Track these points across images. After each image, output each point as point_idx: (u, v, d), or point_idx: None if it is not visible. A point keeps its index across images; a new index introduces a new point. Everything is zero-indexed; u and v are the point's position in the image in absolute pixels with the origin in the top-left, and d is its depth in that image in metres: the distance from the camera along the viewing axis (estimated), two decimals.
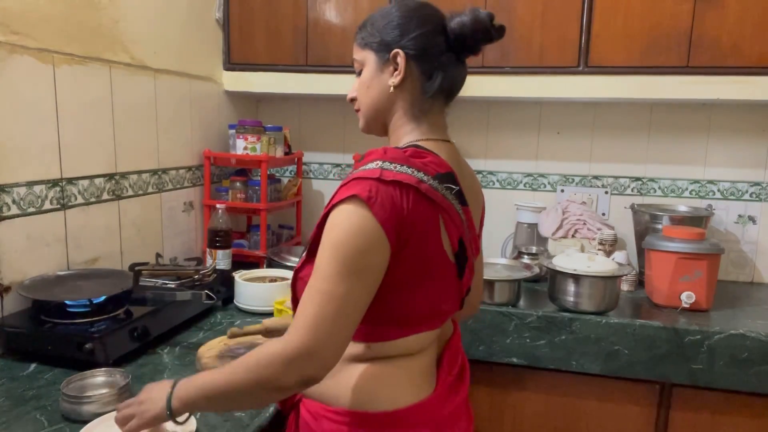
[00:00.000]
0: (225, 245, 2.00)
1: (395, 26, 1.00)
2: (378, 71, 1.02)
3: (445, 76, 1.01)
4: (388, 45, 1.00)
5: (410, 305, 0.96)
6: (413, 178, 0.90)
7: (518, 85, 2.06)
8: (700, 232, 1.85)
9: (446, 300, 1.02)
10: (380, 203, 0.87)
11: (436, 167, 0.95)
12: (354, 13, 2.14)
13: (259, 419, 1.12)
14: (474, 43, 1.01)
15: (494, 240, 2.42)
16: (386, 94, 1.02)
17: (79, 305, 1.39)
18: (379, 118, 1.06)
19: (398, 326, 0.97)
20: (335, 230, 0.88)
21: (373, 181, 0.88)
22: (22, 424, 1.06)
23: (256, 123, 2.19)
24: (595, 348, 1.74)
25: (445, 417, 1.02)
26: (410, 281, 0.93)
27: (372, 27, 1.03)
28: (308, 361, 0.84)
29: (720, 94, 1.90)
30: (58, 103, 1.51)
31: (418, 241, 0.91)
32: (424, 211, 0.91)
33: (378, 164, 0.91)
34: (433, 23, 1.00)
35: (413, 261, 0.92)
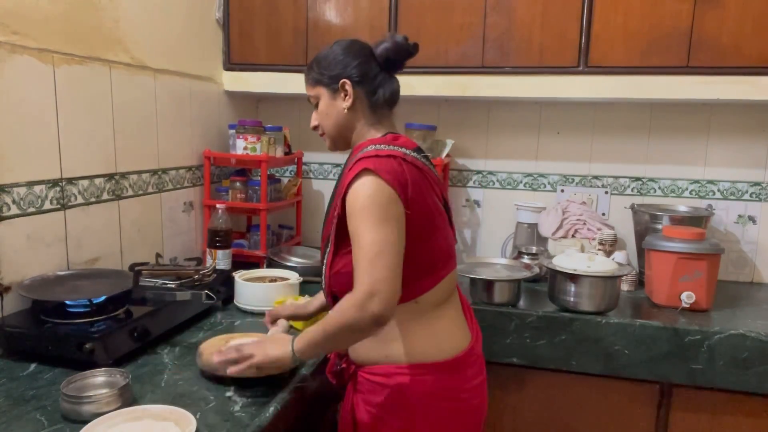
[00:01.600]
0: (225, 245, 2.00)
1: (337, 62, 1.25)
2: (332, 100, 1.28)
3: (385, 91, 1.26)
4: (336, 78, 1.25)
5: (431, 251, 1.21)
6: (399, 152, 1.17)
7: (518, 85, 2.06)
8: (700, 232, 1.85)
9: (452, 242, 1.29)
10: (385, 170, 1.11)
11: (410, 144, 1.24)
12: (354, 13, 2.15)
13: (259, 419, 1.12)
14: (399, 60, 1.27)
15: (494, 240, 2.42)
16: (343, 115, 1.27)
17: (79, 305, 1.39)
18: (342, 136, 1.30)
19: (430, 273, 1.21)
20: (358, 199, 1.11)
21: (373, 158, 1.14)
22: (22, 424, 1.06)
23: (256, 123, 2.19)
24: (595, 348, 1.74)
25: (480, 356, 1.32)
26: (425, 230, 1.18)
27: (318, 66, 1.28)
28: (374, 299, 1.06)
29: (720, 94, 1.90)
30: (58, 103, 1.51)
31: (419, 197, 1.16)
32: (415, 175, 1.17)
33: (372, 147, 1.18)
34: (364, 53, 1.26)
35: (421, 213, 1.17)
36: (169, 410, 1.09)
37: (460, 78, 2.10)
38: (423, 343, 1.21)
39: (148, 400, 1.16)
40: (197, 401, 1.17)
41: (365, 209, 1.10)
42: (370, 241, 1.08)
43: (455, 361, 1.22)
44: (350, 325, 1.09)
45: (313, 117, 1.33)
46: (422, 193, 1.17)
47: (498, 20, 2.02)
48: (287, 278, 1.82)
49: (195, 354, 1.32)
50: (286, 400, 1.21)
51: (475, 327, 1.34)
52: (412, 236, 1.15)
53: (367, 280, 1.07)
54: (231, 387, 1.23)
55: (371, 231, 1.08)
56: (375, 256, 1.07)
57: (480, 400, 1.29)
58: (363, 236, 1.09)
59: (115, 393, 1.10)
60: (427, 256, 1.20)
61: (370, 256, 1.08)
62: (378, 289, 1.06)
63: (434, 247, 1.22)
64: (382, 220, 1.09)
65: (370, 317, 1.07)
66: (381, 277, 1.07)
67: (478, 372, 1.29)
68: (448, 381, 1.22)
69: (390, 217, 1.10)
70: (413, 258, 1.16)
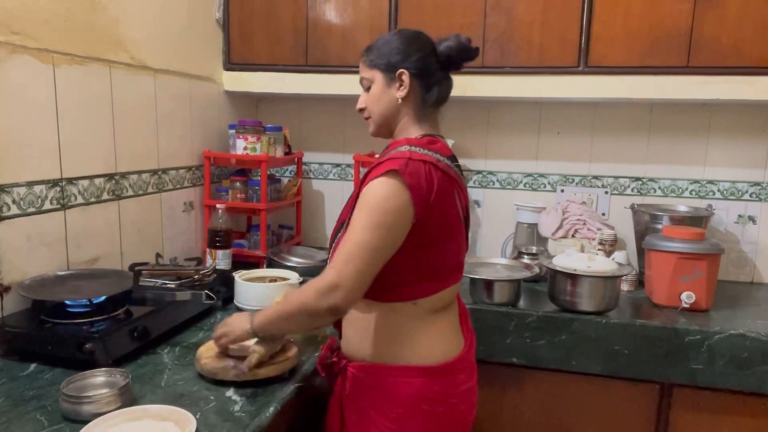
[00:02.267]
0: (225, 245, 2.00)
1: (398, 51, 1.24)
2: (386, 87, 1.25)
3: (440, 89, 1.27)
4: (394, 66, 1.23)
5: (441, 260, 1.22)
6: (433, 158, 1.17)
7: (518, 85, 2.06)
8: (700, 232, 1.85)
9: (463, 256, 1.30)
10: (410, 173, 1.12)
11: (446, 150, 1.23)
12: (354, 13, 2.15)
13: (259, 419, 1.12)
14: (458, 62, 1.27)
15: (494, 240, 2.42)
16: (394, 104, 1.25)
17: (79, 305, 1.39)
18: (388, 124, 1.29)
19: (435, 280, 1.22)
20: (370, 196, 1.13)
21: (405, 159, 1.14)
22: (22, 424, 1.06)
23: (256, 123, 2.19)
24: (595, 348, 1.74)
25: (472, 362, 1.32)
26: (440, 238, 1.19)
27: (378, 51, 1.26)
28: (336, 291, 1.10)
29: (720, 94, 1.90)
30: (58, 103, 1.51)
31: (442, 205, 1.16)
32: (444, 183, 1.17)
33: (407, 148, 1.17)
34: (428, 48, 1.25)
35: (440, 221, 1.17)
36: (169, 410, 1.09)
37: (460, 78, 2.06)
38: (416, 346, 1.22)
39: (148, 400, 1.16)
40: (197, 401, 1.17)
41: (370, 208, 1.12)
42: (357, 239, 1.11)
43: (446, 367, 1.22)
44: (307, 308, 1.14)
45: (360, 99, 1.30)
46: (446, 201, 1.18)
47: (498, 20, 2.02)
48: (287, 278, 1.82)
49: (194, 355, 1.32)
50: (286, 400, 1.21)
51: (470, 334, 1.34)
52: (425, 241, 1.16)
53: (336, 272, 1.11)
54: (231, 387, 1.23)
55: (364, 231, 1.11)
56: (355, 253, 1.10)
57: (467, 406, 1.29)
58: (354, 230, 1.12)
59: (115, 393, 1.10)
60: (434, 263, 1.21)
61: (351, 252, 1.11)
62: (343, 284, 1.10)
63: (444, 256, 1.22)
64: (378, 226, 1.11)
65: (327, 306, 1.11)
66: (350, 275, 1.10)
67: (468, 378, 1.29)
68: (438, 385, 1.22)
69: (388, 225, 1.11)
70: (420, 261, 1.18)
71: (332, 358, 1.31)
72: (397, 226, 1.12)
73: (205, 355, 1.29)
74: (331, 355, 1.31)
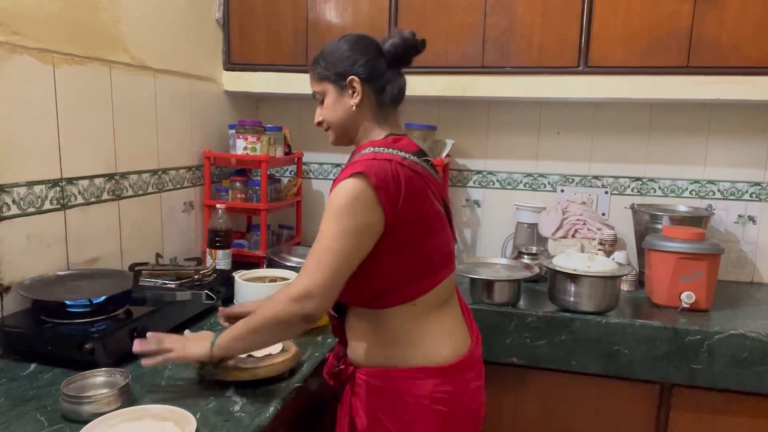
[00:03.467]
0: (225, 245, 2.00)
1: (345, 58, 1.23)
2: (339, 96, 1.26)
3: (393, 88, 1.25)
4: (343, 74, 1.23)
5: (431, 254, 1.21)
6: (397, 156, 1.16)
7: (518, 85, 2.06)
8: (700, 232, 1.85)
9: (451, 245, 1.29)
10: (375, 173, 1.11)
11: (411, 147, 1.23)
12: (354, 13, 2.15)
13: (259, 419, 1.12)
14: (406, 57, 1.25)
15: (494, 240, 2.42)
16: (350, 112, 1.25)
17: (79, 305, 1.38)
18: (347, 132, 1.29)
19: (428, 276, 1.21)
20: (336, 199, 1.12)
21: (369, 161, 1.13)
22: (22, 424, 1.06)
23: (256, 123, 2.19)
24: (595, 348, 1.74)
25: (479, 359, 1.31)
26: (422, 234, 1.18)
27: (325, 62, 1.26)
28: (308, 300, 1.10)
29: (720, 94, 1.90)
30: (58, 103, 1.51)
31: (414, 201, 1.15)
32: (412, 179, 1.16)
33: (370, 149, 1.18)
34: (373, 50, 1.24)
35: (418, 217, 1.16)
36: (169, 410, 1.09)
37: (460, 78, 2.10)
38: (423, 346, 1.21)
39: (148, 400, 1.16)
40: (197, 401, 1.17)
41: (337, 212, 1.11)
42: (327, 245, 1.10)
43: (455, 366, 1.22)
44: (280, 317, 1.13)
45: (317, 113, 1.32)
46: (418, 196, 1.17)
47: (498, 20, 2.02)
48: (287, 278, 1.82)
49: None
50: (286, 400, 1.21)
51: (475, 330, 1.34)
52: (405, 240, 1.15)
53: (308, 280, 1.10)
54: (231, 387, 1.23)
55: (333, 235, 1.10)
56: (325, 260, 1.10)
57: (477, 404, 1.29)
58: (324, 236, 1.11)
59: (115, 393, 1.10)
60: (423, 259, 1.20)
61: (321, 259, 1.10)
62: (315, 292, 1.10)
63: (431, 249, 1.21)
64: (347, 229, 1.10)
65: (302, 314, 1.11)
66: (321, 281, 1.10)
67: (477, 376, 1.28)
68: (448, 385, 1.21)
69: (357, 227, 1.10)
70: (410, 261, 1.18)
71: (339, 366, 1.30)
72: (366, 229, 1.11)
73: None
74: (338, 363, 1.30)
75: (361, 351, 1.25)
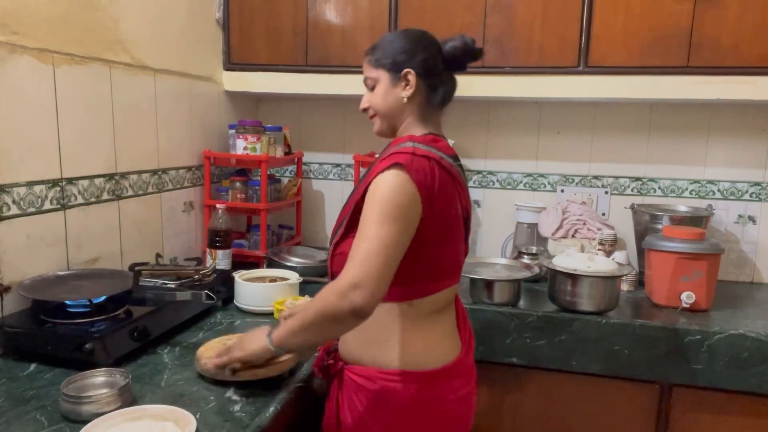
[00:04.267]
0: (225, 245, 2.00)
1: (404, 51, 1.23)
2: (391, 86, 1.24)
3: (445, 89, 1.26)
4: (399, 65, 1.22)
5: (439, 260, 1.20)
6: (436, 155, 1.16)
7: (518, 85, 2.06)
8: (700, 232, 1.85)
9: (461, 257, 1.28)
10: (416, 169, 1.11)
11: (448, 150, 1.23)
12: (354, 13, 2.15)
13: (259, 419, 1.12)
14: (463, 62, 1.26)
15: (494, 240, 2.42)
16: (399, 104, 1.24)
17: (79, 305, 1.39)
18: (392, 123, 1.28)
19: (432, 280, 1.20)
20: (380, 190, 1.10)
21: (409, 154, 1.12)
22: (22, 424, 1.06)
23: (256, 123, 2.19)
24: (595, 348, 1.74)
25: (469, 366, 1.29)
26: (438, 238, 1.17)
27: (383, 50, 1.25)
28: (357, 290, 1.04)
29: (720, 94, 1.90)
30: (58, 103, 1.51)
31: (442, 204, 1.15)
32: (446, 181, 1.16)
33: (410, 144, 1.16)
34: (433, 48, 1.24)
35: (440, 220, 1.16)
36: (169, 410, 1.09)
37: (460, 78, 2.08)
38: (412, 350, 1.19)
39: (148, 400, 1.16)
40: (197, 401, 1.17)
41: (381, 202, 1.09)
42: (373, 235, 1.07)
43: (442, 371, 1.20)
44: (329, 312, 1.07)
45: (364, 98, 1.29)
46: (448, 201, 1.17)
47: (498, 20, 2.02)
48: (287, 278, 1.82)
49: (195, 354, 1.32)
50: (286, 400, 1.21)
51: (467, 337, 1.31)
52: (423, 240, 1.14)
53: (356, 271, 1.05)
54: (231, 387, 1.23)
55: (378, 226, 1.07)
56: (372, 251, 1.06)
57: (465, 411, 1.27)
58: (369, 227, 1.08)
59: (115, 393, 1.10)
60: (432, 263, 1.19)
61: (368, 250, 1.06)
62: (364, 282, 1.04)
63: (442, 256, 1.21)
64: (392, 218, 1.08)
65: (350, 307, 1.04)
66: (370, 272, 1.05)
67: (465, 383, 1.26)
68: (434, 390, 1.20)
69: (402, 217, 1.09)
70: (418, 261, 1.16)
71: (329, 360, 1.29)
72: (409, 218, 1.10)
73: (205, 355, 1.29)
74: (327, 357, 1.30)
75: (351, 347, 1.24)
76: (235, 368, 1.22)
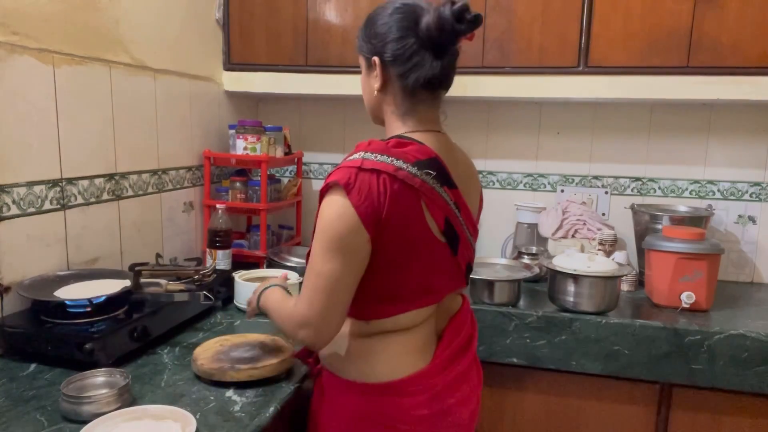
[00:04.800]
0: (225, 245, 2.00)
1: (376, 34, 1.07)
2: (366, 75, 1.12)
3: (420, 75, 1.05)
4: (371, 52, 1.08)
5: (400, 283, 1.08)
6: (391, 166, 1.00)
7: (518, 85, 2.05)
8: (700, 232, 1.85)
9: (438, 277, 1.12)
10: (357, 189, 0.98)
11: (417, 155, 1.04)
12: (354, 13, 2.14)
13: (259, 419, 1.12)
14: (446, 39, 1.02)
15: (494, 240, 2.42)
16: (374, 96, 1.11)
17: (79, 305, 1.38)
18: (375, 114, 1.17)
19: (392, 303, 1.09)
20: (321, 219, 1.03)
21: (354, 169, 1.00)
22: (22, 424, 1.06)
23: (256, 123, 2.19)
24: (595, 348, 1.74)
25: (443, 386, 1.13)
26: (397, 260, 1.05)
27: (362, 33, 1.11)
28: (304, 329, 1.05)
29: (720, 94, 1.90)
30: (58, 103, 1.51)
31: (399, 223, 1.01)
32: (404, 195, 1.01)
33: (360, 155, 1.02)
34: (405, 28, 1.03)
35: (397, 242, 1.03)
36: (169, 410, 1.09)
37: (460, 78, 2.06)
38: (361, 362, 1.13)
39: (148, 400, 1.16)
40: (197, 401, 1.17)
41: (322, 235, 1.02)
42: (318, 270, 1.02)
43: (388, 386, 1.10)
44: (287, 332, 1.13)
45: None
46: (406, 218, 1.02)
47: (498, 20, 2.02)
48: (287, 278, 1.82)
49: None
50: (286, 400, 1.21)
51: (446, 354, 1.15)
52: (378, 264, 1.04)
53: (306, 307, 1.05)
54: (231, 387, 1.23)
55: (322, 260, 1.02)
56: (318, 287, 1.02)
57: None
58: (314, 260, 1.04)
59: (115, 393, 1.10)
60: (391, 287, 1.08)
61: (314, 287, 1.03)
62: (311, 321, 1.04)
63: (404, 279, 1.08)
64: (335, 251, 1.00)
65: (301, 340, 1.09)
66: (315, 311, 1.03)
67: (427, 403, 1.10)
68: (382, 406, 1.10)
69: (345, 249, 1.00)
70: (374, 284, 1.06)
71: (308, 359, 1.34)
72: (354, 247, 1.01)
73: (202, 356, 1.29)
74: (308, 355, 1.35)
75: (323, 352, 1.22)
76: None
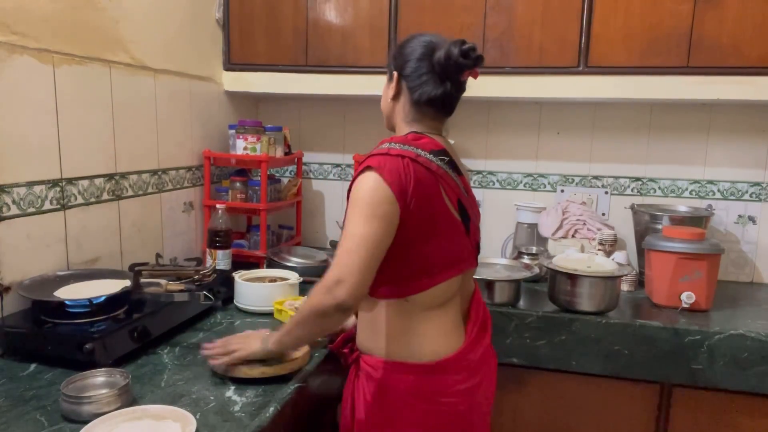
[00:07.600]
0: (225, 245, 2.00)
1: (402, 54, 1.29)
2: (386, 86, 1.35)
3: (424, 91, 1.26)
4: (394, 67, 1.30)
5: (431, 255, 1.22)
6: (412, 153, 1.19)
7: (518, 85, 2.06)
8: (700, 232, 1.85)
9: (461, 250, 1.28)
10: (388, 170, 1.15)
11: (431, 146, 1.24)
12: (354, 12, 2.14)
13: (259, 419, 1.12)
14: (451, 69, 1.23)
15: (494, 240, 2.42)
16: (388, 103, 1.34)
17: (79, 305, 1.38)
18: (389, 119, 1.36)
19: (427, 275, 1.22)
20: (357, 192, 1.17)
21: (381, 155, 1.18)
22: (22, 424, 1.06)
23: (256, 123, 2.19)
24: (595, 348, 1.74)
25: (475, 362, 1.29)
26: (425, 234, 1.20)
27: (393, 51, 1.34)
28: (339, 285, 1.11)
29: (720, 94, 1.90)
30: (58, 103, 1.51)
31: (423, 200, 1.17)
32: (425, 177, 1.19)
33: (387, 145, 1.21)
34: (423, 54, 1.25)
35: (423, 216, 1.18)
36: (169, 410, 1.09)
37: None
38: (405, 343, 1.24)
39: (148, 400, 1.16)
40: (197, 401, 1.17)
41: (358, 203, 1.15)
42: (353, 233, 1.13)
43: (436, 366, 1.23)
44: (316, 308, 1.16)
45: None
46: (428, 195, 1.19)
47: (498, 20, 2.02)
48: (287, 278, 1.82)
49: (195, 354, 1.32)
50: (286, 400, 1.21)
51: (476, 331, 1.30)
52: (409, 237, 1.18)
53: (338, 268, 1.13)
54: (231, 387, 1.23)
55: (357, 225, 1.14)
56: (353, 247, 1.12)
57: (466, 407, 1.26)
58: (349, 227, 1.15)
59: (115, 393, 1.10)
60: (422, 259, 1.21)
61: (349, 247, 1.13)
62: (345, 277, 1.11)
63: (432, 251, 1.22)
64: (370, 217, 1.13)
65: (334, 302, 1.12)
66: (352, 268, 1.12)
67: (467, 378, 1.26)
68: (429, 384, 1.23)
69: (380, 215, 1.14)
70: (406, 259, 1.20)
71: (344, 349, 1.38)
72: (387, 215, 1.14)
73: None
74: (344, 345, 1.38)
75: (362, 337, 1.32)
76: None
